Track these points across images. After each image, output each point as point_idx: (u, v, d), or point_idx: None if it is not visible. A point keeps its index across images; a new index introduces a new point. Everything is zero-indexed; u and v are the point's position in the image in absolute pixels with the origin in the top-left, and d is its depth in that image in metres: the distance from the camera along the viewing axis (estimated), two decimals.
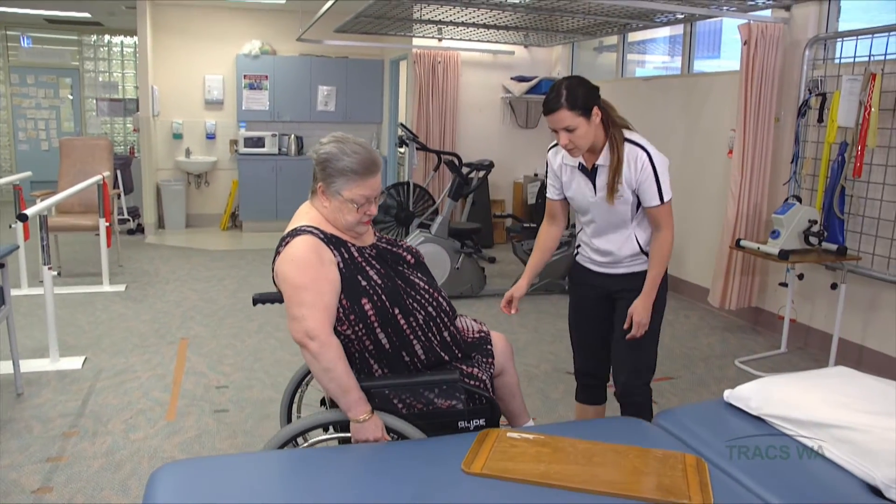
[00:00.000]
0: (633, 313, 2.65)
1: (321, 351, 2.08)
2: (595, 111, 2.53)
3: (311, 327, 2.08)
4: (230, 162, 9.20)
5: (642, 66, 8.22)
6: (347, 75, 9.22)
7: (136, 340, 4.74)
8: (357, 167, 2.20)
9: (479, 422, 2.33)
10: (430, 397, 2.25)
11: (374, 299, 2.20)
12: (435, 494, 1.81)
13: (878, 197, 4.29)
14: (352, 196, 2.21)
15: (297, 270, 2.12)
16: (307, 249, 2.15)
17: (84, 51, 10.86)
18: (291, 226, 2.25)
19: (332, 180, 2.21)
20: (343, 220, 2.24)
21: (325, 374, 2.10)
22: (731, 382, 4.22)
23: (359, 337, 2.22)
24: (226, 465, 2.04)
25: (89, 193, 6.26)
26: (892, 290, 4.25)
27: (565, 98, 2.48)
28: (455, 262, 5.89)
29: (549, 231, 2.96)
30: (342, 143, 2.23)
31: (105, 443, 3.30)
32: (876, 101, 4.11)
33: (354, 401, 2.11)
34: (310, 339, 2.08)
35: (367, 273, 2.23)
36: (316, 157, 2.25)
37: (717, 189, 5.64)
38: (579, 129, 2.51)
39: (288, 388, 2.77)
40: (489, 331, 2.58)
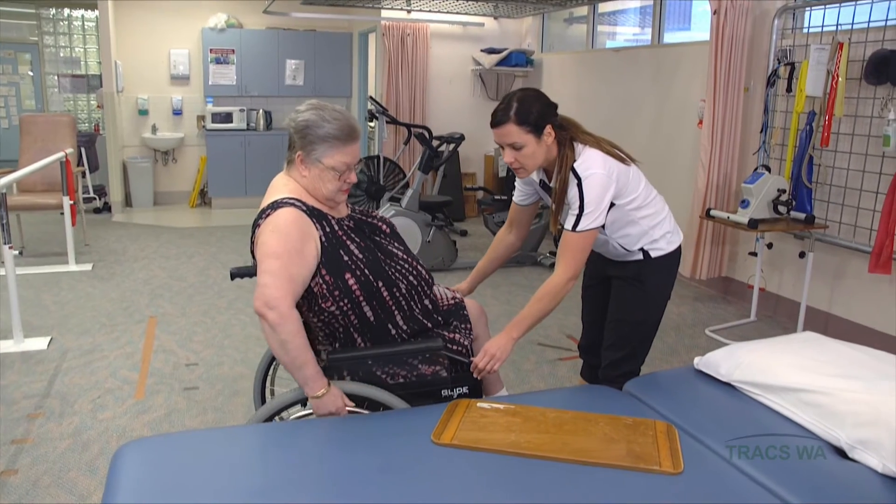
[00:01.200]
0: (487, 346, 2.30)
1: (279, 322, 1.98)
2: (548, 130, 2.35)
3: (271, 296, 1.99)
4: (198, 138, 9.05)
5: (612, 37, 8.19)
6: (315, 49, 9.09)
7: (104, 320, 4.66)
8: (338, 133, 2.16)
9: (463, 389, 2.32)
10: (414, 363, 2.24)
11: (356, 273, 2.17)
12: (404, 466, 1.80)
13: (845, 166, 4.32)
14: (333, 163, 2.16)
15: (275, 240, 2.06)
16: (290, 221, 2.09)
17: (43, 25, 10.57)
18: (270, 198, 2.18)
19: (312, 147, 2.16)
20: (323, 188, 2.19)
21: (282, 348, 2.01)
22: (702, 351, 4.25)
23: (343, 312, 2.18)
24: (191, 441, 2.00)
25: (52, 171, 6.13)
26: (858, 258, 4.30)
27: (515, 111, 2.31)
28: (426, 236, 5.87)
29: (506, 240, 2.80)
30: (321, 109, 2.18)
31: (72, 423, 3.25)
32: (843, 71, 4.12)
33: (311, 376, 2.05)
34: (268, 308, 1.98)
35: (348, 247, 2.19)
36: (294, 125, 2.19)
37: (688, 159, 5.65)
38: (527, 147, 2.34)
39: (260, 366, 2.73)
40: (462, 297, 2.56)
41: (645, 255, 2.59)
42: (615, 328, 2.67)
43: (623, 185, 2.43)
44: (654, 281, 2.62)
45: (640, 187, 2.51)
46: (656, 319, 2.69)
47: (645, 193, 2.53)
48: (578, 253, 2.38)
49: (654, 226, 2.57)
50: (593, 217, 2.34)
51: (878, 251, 3.95)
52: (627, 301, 2.65)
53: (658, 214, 2.59)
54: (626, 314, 2.66)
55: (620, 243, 2.56)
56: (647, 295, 2.62)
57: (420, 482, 1.74)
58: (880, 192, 4.07)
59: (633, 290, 2.62)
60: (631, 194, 2.47)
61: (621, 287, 2.66)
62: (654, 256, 2.59)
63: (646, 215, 2.54)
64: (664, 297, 2.68)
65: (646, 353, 2.73)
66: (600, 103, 6.77)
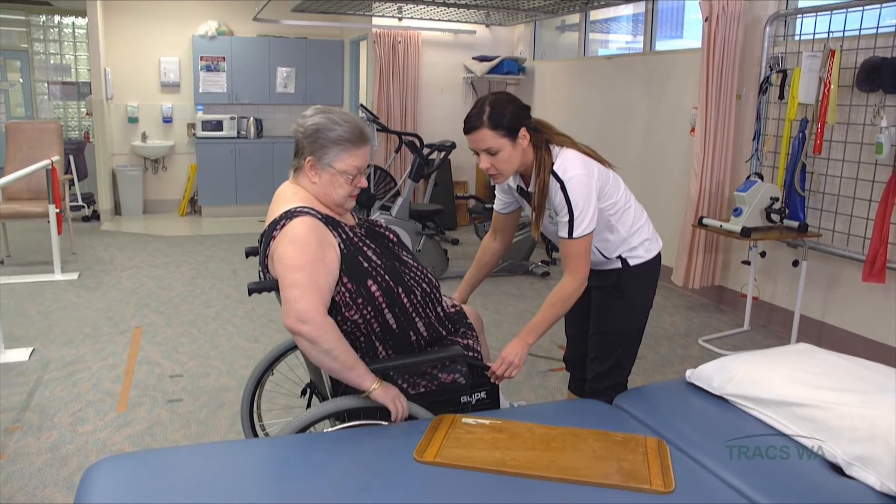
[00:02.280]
0: (504, 353, 2.31)
1: (317, 334, 1.93)
2: (522, 133, 2.29)
3: (302, 308, 1.93)
4: (188, 146, 8.98)
5: (604, 45, 8.16)
6: (307, 56, 9.04)
7: (88, 330, 4.58)
8: (349, 136, 2.11)
9: (481, 395, 2.29)
10: (434, 372, 2.21)
11: (378, 280, 2.12)
12: (385, 485, 1.73)
13: (838, 174, 4.28)
14: (345, 167, 2.12)
15: (295, 251, 1.99)
16: (307, 230, 2.02)
17: (33, 32, 10.50)
18: (279, 208, 2.11)
19: (324, 152, 2.11)
20: (334, 194, 2.14)
21: (328, 357, 1.96)
22: (695, 361, 4.22)
23: (367, 320, 2.13)
24: (166, 459, 1.93)
25: (38, 179, 6.05)
26: (852, 267, 4.25)
27: (488, 115, 2.26)
28: (417, 244, 5.81)
29: (491, 247, 2.77)
30: (329, 113, 2.14)
31: (50, 437, 3.17)
32: (835, 78, 4.09)
33: (364, 372, 2.02)
34: (302, 322, 1.92)
35: (366, 253, 2.14)
36: (303, 130, 2.13)
37: (680, 167, 5.61)
38: (503, 151, 2.29)
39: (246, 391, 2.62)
40: (461, 305, 2.54)
41: (623, 264, 2.53)
42: (598, 340, 2.61)
43: (603, 187, 2.39)
44: (633, 290, 2.56)
45: (619, 192, 2.47)
46: (639, 329, 2.63)
47: (624, 199, 2.49)
48: (582, 257, 2.35)
49: (632, 233, 2.52)
50: (586, 220, 2.30)
51: (872, 259, 3.90)
52: (608, 312, 2.59)
53: (637, 221, 2.54)
54: (607, 325, 2.60)
55: (599, 248, 2.50)
56: (628, 304, 2.56)
57: (402, 501, 1.67)
58: (873, 200, 4.03)
59: (614, 300, 2.56)
60: (611, 197, 2.43)
61: (601, 297, 2.60)
62: (633, 265, 2.54)
63: (624, 221, 2.49)
64: (646, 305, 2.62)
65: (632, 363, 2.67)
66: (593, 111, 6.73)
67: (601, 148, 2.60)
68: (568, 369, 2.93)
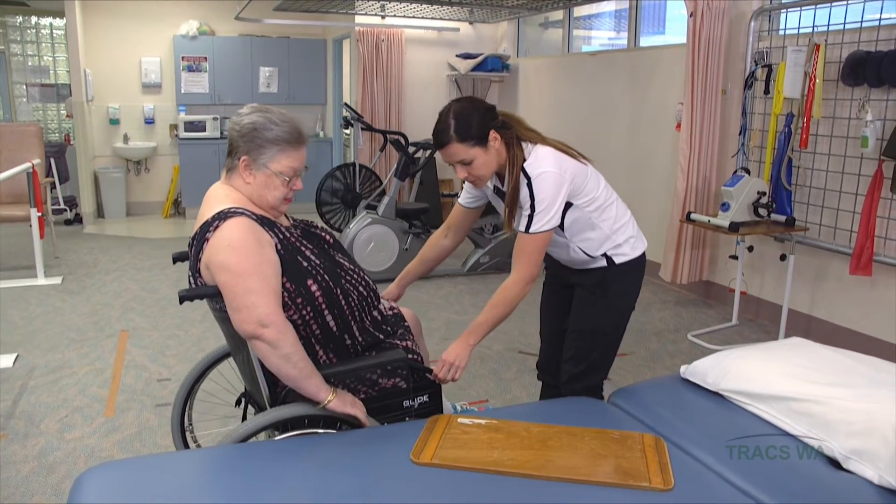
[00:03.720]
0: (445, 355, 2.27)
1: (278, 337, 1.89)
2: (492, 136, 2.25)
3: (263, 313, 1.88)
4: (171, 147, 8.90)
5: (588, 42, 8.17)
6: (289, 56, 8.98)
7: (73, 335, 4.53)
8: (287, 136, 2.04)
9: (423, 398, 2.24)
10: (374, 378, 2.14)
11: (317, 279, 2.07)
12: (383, 487, 1.71)
13: (824, 168, 4.30)
14: (281, 168, 2.04)
15: (237, 256, 1.91)
16: (242, 231, 1.94)
17: (9, 33, 10.34)
18: (211, 209, 2.02)
19: (259, 152, 2.03)
20: (269, 195, 2.07)
21: (286, 362, 1.91)
22: (685, 356, 4.24)
23: (306, 321, 2.08)
24: (157, 465, 1.91)
25: (19, 183, 5.96)
26: (838, 260, 4.27)
27: (454, 129, 2.22)
28: (404, 243, 5.78)
29: (440, 243, 2.69)
30: (267, 112, 2.06)
31: (37, 444, 3.12)
32: (820, 72, 4.10)
33: (320, 382, 1.98)
34: (263, 326, 1.88)
35: (305, 253, 2.09)
36: (239, 129, 2.04)
37: (666, 163, 5.62)
38: (476, 160, 2.25)
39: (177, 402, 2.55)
40: (399, 307, 2.49)
41: (609, 262, 2.48)
42: (575, 338, 2.55)
43: (580, 184, 2.33)
44: (617, 289, 2.51)
45: (599, 188, 2.41)
46: (619, 331, 2.57)
47: (605, 195, 2.43)
48: (533, 255, 2.29)
49: (616, 230, 2.46)
50: (546, 217, 2.25)
51: (859, 253, 3.92)
52: (589, 310, 2.53)
53: (620, 218, 2.49)
54: (587, 323, 2.53)
55: (582, 248, 2.45)
56: (610, 303, 2.51)
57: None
58: (860, 194, 4.05)
59: (595, 298, 2.50)
60: (589, 194, 2.37)
61: (583, 295, 2.54)
62: (619, 263, 2.48)
63: (607, 218, 2.44)
64: (628, 306, 2.57)
65: (608, 367, 2.61)
66: (577, 108, 6.73)
67: (586, 144, 2.57)
68: (540, 377, 2.84)
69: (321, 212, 6.96)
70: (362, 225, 5.72)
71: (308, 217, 2.46)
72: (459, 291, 5.60)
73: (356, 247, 5.68)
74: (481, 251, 6.04)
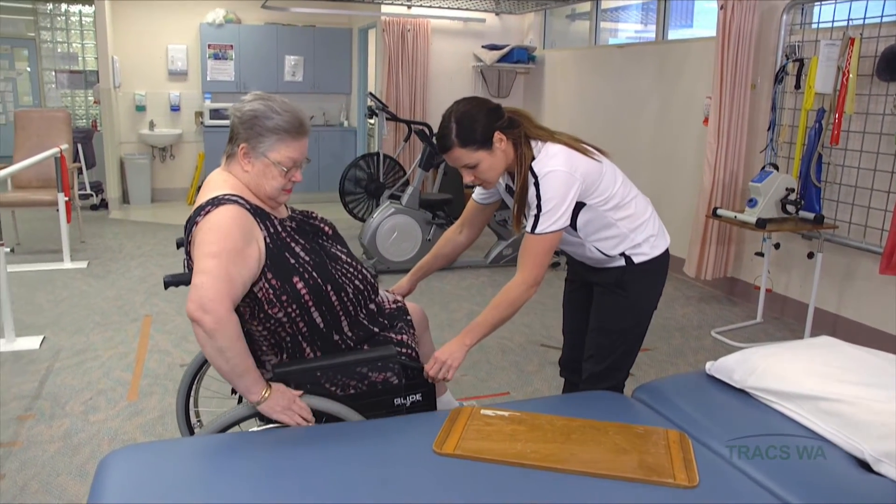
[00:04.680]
0: (438, 353, 2.19)
1: (216, 327, 1.80)
2: (497, 137, 2.18)
3: (207, 297, 1.79)
4: (196, 134, 8.95)
5: (615, 34, 8.10)
6: (315, 44, 8.99)
7: (98, 318, 4.57)
8: (287, 126, 2.01)
9: (416, 397, 2.19)
10: (364, 372, 2.09)
11: (305, 277, 2.02)
12: (404, 477, 1.71)
13: (855, 164, 4.23)
14: (279, 158, 2.01)
15: (213, 237, 1.87)
16: (231, 219, 1.91)
17: (40, 20, 10.47)
18: (208, 194, 1.99)
19: (259, 140, 2.00)
20: (267, 185, 2.03)
21: (221, 356, 1.83)
22: (708, 353, 4.20)
23: (292, 319, 2.04)
24: (181, 449, 1.91)
25: (47, 168, 6.03)
26: (868, 259, 4.21)
27: (456, 134, 2.16)
28: (427, 234, 5.78)
29: (455, 239, 2.63)
30: (269, 100, 2.03)
31: (63, 425, 3.16)
32: (854, 67, 4.03)
33: (252, 382, 1.91)
34: (204, 312, 1.79)
35: (294, 249, 2.04)
36: (239, 115, 2.02)
37: (693, 158, 5.56)
38: (482, 163, 2.20)
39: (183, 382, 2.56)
40: (404, 301, 2.44)
41: (627, 261, 2.40)
42: (596, 337, 2.49)
43: (592, 183, 2.25)
44: (637, 288, 2.43)
45: (615, 185, 2.31)
46: (641, 330, 2.50)
47: (623, 192, 2.33)
48: (539, 257, 2.21)
49: (634, 228, 2.37)
50: (553, 217, 2.17)
51: (890, 252, 3.85)
52: (610, 309, 2.46)
53: (639, 216, 2.39)
54: (608, 322, 2.47)
55: (598, 247, 2.37)
56: (631, 303, 2.43)
57: (421, 494, 1.65)
58: (892, 192, 3.98)
59: (616, 297, 2.43)
60: (603, 192, 2.28)
61: (603, 294, 2.47)
62: (638, 262, 2.40)
63: (624, 217, 2.34)
64: (650, 305, 2.50)
65: (629, 367, 2.55)
66: (603, 100, 6.67)
67: (611, 138, 2.52)
68: (562, 374, 2.80)
69: (345, 201, 6.96)
70: (386, 215, 5.72)
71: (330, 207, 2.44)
72: (482, 283, 5.59)
73: (379, 236, 5.68)
74: (504, 243, 6.03)
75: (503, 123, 2.21)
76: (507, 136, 2.21)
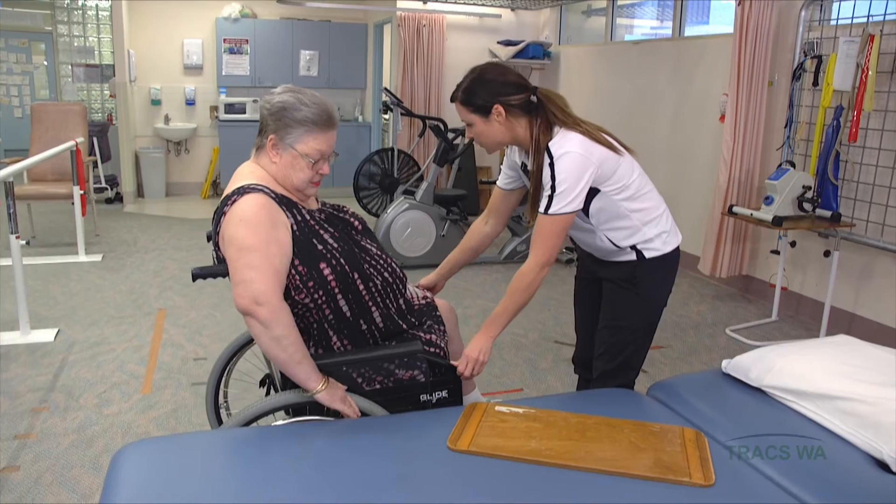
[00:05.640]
0: (467, 351, 2.24)
1: (272, 317, 1.86)
2: (496, 110, 2.21)
3: (259, 290, 1.85)
4: (210, 129, 8.98)
5: (630, 30, 8.05)
6: (330, 39, 8.99)
7: (112, 311, 4.59)
8: (315, 118, 2.03)
9: (442, 394, 2.19)
10: (391, 368, 2.10)
11: (332, 263, 2.03)
12: (419, 473, 1.70)
13: (874, 162, 4.18)
14: (307, 150, 2.03)
15: (246, 230, 1.90)
16: (257, 207, 1.94)
17: (57, 14, 10.49)
18: (234, 185, 2.04)
19: (287, 131, 2.03)
20: (294, 177, 2.05)
21: (277, 344, 1.88)
22: (723, 351, 4.17)
23: (318, 305, 2.05)
24: (194, 443, 1.91)
25: (63, 161, 6.07)
26: (886, 258, 4.16)
27: (463, 90, 2.25)
28: (441, 230, 5.77)
29: (482, 230, 2.62)
30: (299, 93, 2.06)
31: (77, 418, 3.17)
32: (874, 64, 3.98)
33: (311, 369, 1.94)
34: (258, 304, 1.85)
35: (322, 236, 2.06)
36: (269, 107, 2.05)
37: (708, 155, 5.52)
38: (475, 126, 2.28)
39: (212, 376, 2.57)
40: (433, 298, 2.44)
41: (638, 255, 2.37)
42: (607, 335, 2.47)
43: (608, 170, 2.23)
44: (647, 284, 2.40)
45: (631, 176, 2.30)
46: (651, 326, 2.47)
47: (638, 184, 2.32)
48: (550, 238, 2.21)
49: (647, 222, 2.36)
50: (567, 199, 2.16)
51: None
52: (620, 305, 2.43)
53: (653, 210, 2.37)
54: (619, 319, 2.44)
55: (609, 237, 2.36)
56: (642, 299, 2.41)
57: (436, 491, 1.64)
58: None
59: (626, 293, 2.41)
60: (619, 181, 2.26)
61: (613, 290, 2.45)
62: (649, 257, 2.37)
63: (638, 209, 2.33)
64: (660, 302, 2.46)
65: (641, 364, 2.52)
66: (619, 97, 6.64)
67: (627, 134, 2.49)
68: (576, 371, 2.79)
69: (358, 196, 6.97)
70: (400, 210, 5.71)
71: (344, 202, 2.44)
72: (495, 279, 5.57)
73: (393, 232, 5.68)
74: (518, 239, 6.01)
75: (512, 101, 2.23)
76: (510, 112, 2.23)
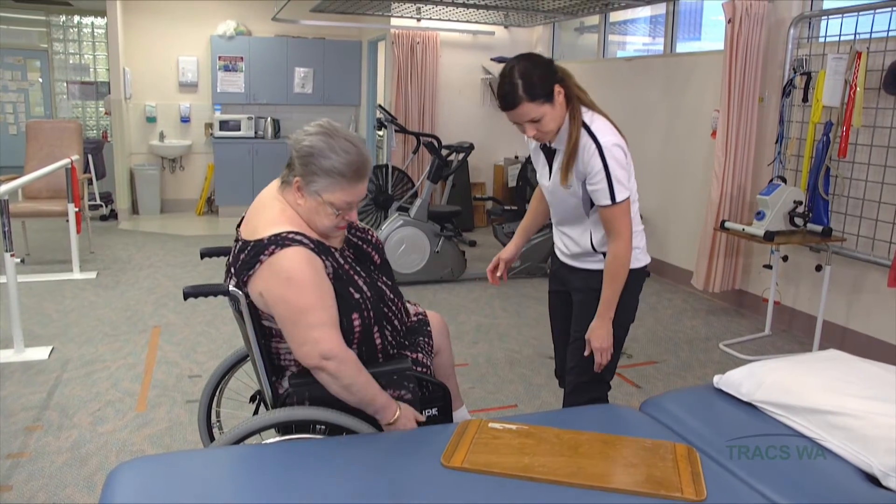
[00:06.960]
0: (591, 338, 2.36)
1: (340, 369, 1.90)
2: (557, 90, 2.23)
3: (326, 349, 1.89)
4: (205, 146, 9.00)
5: (623, 47, 8.11)
6: (325, 57, 9.04)
7: (107, 329, 4.59)
8: (345, 169, 1.92)
9: (432, 411, 2.23)
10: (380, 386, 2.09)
11: (363, 315, 2.03)
12: (413, 490, 1.71)
13: (863, 177, 4.22)
14: (333, 200, 1.94)
15: (299, 291, 1.88)
16: (304, 264, 1.89)
17: (53, 32, 10.56)
18: (265, 223, 1.96)
19: (312, 178, 1.93)
20: (319, 223, 1.99)
21: (347, 391, 1.94)
22: (716, 366, 4.18)
23: None
24: (189, 462, 1.92)
25: (58, 178, 6.07)
26: (877, 272, 4.19)
27: (523, 89, 2.19)
28: (435, 246, 5.79)
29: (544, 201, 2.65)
30: (331, 137, 1.93)
31: (70, 437, 3.17)
32: (861, 80, 4.03)
33: (384, 404, 1.98)
34: (326, 360, 1.89)
35: (357, 283, 2.05)
36: (298, 147, 1.94)
37: (700, 171, 5.56)
38: (545, 116, 2.23)
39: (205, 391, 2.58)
40: (425, 311, 2.46)
41: None
42: (579, 348, 2.48)
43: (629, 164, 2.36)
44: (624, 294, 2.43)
45: (632, 178, 2.39)
46: (619, 341, 2.48)
47: (634, 189, 2.41)
48: (625, 219, 2.30)
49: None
50: (623, 183, 2.27)
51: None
52: (588, 319, 2.44)
53: (635, 224, 2.42)
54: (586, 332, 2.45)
55: (593, 236, 2.42)
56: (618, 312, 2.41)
57: None
58: None
59: (594, 305, 2.42)
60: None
61: (584, 302, 2.48)
62: None
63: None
64: (628, 316, 2.50)
65: (611, 376, 2.56)
66: (612, 113, 6.56)
67: None
68: (561, 385, 2.80)
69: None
70: (394, 227, 5.73)
71: None
72: (489, 295, 5.59)
73: (388, 248, 5.69)
74: None
75: (559, 77, 2.27)
76: (563, 88, 2.27)
